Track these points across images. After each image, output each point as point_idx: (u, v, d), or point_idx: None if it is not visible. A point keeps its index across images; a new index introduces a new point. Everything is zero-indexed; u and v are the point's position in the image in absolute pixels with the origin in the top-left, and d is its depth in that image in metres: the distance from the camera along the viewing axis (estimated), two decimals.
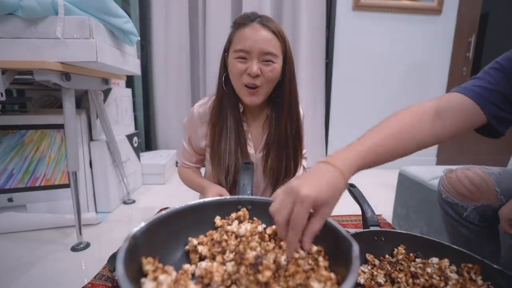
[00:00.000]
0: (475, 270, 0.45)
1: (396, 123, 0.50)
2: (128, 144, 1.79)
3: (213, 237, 0.44)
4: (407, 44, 2.47)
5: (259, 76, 0.73)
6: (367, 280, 0.48)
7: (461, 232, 0.71)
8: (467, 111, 0.51)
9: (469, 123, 0.52)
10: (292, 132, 0.82)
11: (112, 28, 1.14)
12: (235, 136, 0.79)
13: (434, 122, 0.50)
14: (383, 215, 1.52)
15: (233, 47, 0.74)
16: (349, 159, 0.43)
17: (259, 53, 0.71)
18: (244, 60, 0.73)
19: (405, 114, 0.51)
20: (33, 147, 1.30)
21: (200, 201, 0.49)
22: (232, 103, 0.80)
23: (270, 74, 0.74)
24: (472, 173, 0.69)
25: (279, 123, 0.80)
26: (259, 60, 0.72)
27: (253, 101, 0.76)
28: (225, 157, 0.79)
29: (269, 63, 0.73)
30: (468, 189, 0.68)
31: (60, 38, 0.96)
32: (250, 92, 0.74)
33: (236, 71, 0.73)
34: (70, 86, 1.06)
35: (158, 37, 2.40)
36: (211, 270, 0.35)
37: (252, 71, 0.71)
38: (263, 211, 0.51)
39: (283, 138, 0.81)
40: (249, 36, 0.71)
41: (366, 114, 2.59)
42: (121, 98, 1.78)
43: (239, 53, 0.72)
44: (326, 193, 0.38)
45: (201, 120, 0.85)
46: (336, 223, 0.41)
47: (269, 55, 0.72)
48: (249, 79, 0.73)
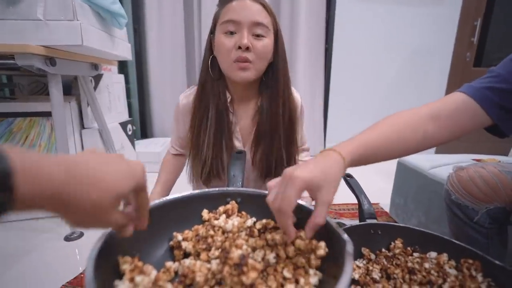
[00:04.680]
0: (476, 266, 0.42)
1: (390, 124, 0.50)
2: (122, 132, 1.76)
3: (198, 233, 0.42)
4: (409, 28, 2.38)
5: (250, 50, 0.66)
6: (361, 276, 0.45)
7: (468, 233, 0.66)
8: (468, 112, 0.49)
9: (473, 126, 0.50)
10: (285, 118, 0.76)
11: (98, 10, 1.08)
12: (216, 128, 0.73)
13: (427, 127, 0.49)
14: (381, 204, 1.51)
15: (220, 21, 0.67)
16: (348, 148, 0.43)
17: (249, 23, 0.65)
18: (233, 35, 0.66)
19: (400, 117, 0.51)
20: (22, 135, 1.27)
21: (186, 194, 0.47)
22: (216, 90, 0.73)
23: (262, 49, 0.67)
24: (487, 171, 0.64)
25: (271, 110, 0.74)
26: (249, 32, 0.66)
27: (245, 77, 0.68)
28: (203, 150, 0.73)
29: (260, 38, 0.67)
30: (481, 190, 0.63)
31: (42, 19, 0.90)
32: (241, 66, 0.66)
33: (224, 48, 0.66)
34: (56, 71, 1.01)
35: (152, 20, 2.32)
36: (194, 270, 0.33)
37: (243, 42, 0.64)
38: (253, 203, 0.48)
39: (274, 128, 0.75)
40: (237, 8, 0.65)
41: (366, 101, 2.54)
42: (113, 85, 1.72)
43: (227, 25, 0.65)
44: (320, 175, 0.36)
45: (185, 109, 0.79)
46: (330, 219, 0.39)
47: (261, 27, 0.66)
48: (239, 52, 0.65)
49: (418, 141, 0.49)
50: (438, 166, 1.13)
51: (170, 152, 0.91)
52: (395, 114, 0.52)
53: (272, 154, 0.77)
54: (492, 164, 0.66)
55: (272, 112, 0.74)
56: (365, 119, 2.55)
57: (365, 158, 0.45)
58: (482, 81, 0.51)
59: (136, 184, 0.29)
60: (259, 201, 0.48)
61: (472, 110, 0.49)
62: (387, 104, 2.53)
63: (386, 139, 0.47)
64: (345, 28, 2.37)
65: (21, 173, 0.20)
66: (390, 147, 0.48)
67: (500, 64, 0.52)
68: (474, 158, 1.16)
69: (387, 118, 0.51)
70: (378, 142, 0.47)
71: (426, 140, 0.50)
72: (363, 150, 0.44)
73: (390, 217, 1.40)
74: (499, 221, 0.64)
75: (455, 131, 0.50)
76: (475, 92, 0.49)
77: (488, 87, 0.49)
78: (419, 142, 0.49)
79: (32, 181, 0.21)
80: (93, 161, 0.26)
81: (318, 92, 2.48)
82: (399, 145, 0.49)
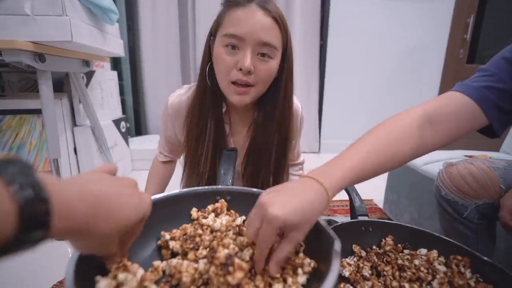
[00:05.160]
0: (465, 262, 0.43)
1: (380, 137, 0.44)
2: (115, 129, 1.74)
3: (186, 232, 0.41)
4: (403, 24, 2.39)
5: (252, 73, 0.58)
6: (352, 273, 0.45)
7: (458, 229, 0.67)
8: (466, 114, 0.46)
9: (468, 127, 0.47)
10: (280, 138, 0.70)
11: (88, 5, 1.06)
12: (214, 141, 0.68)
13: (421, 133, 0.45)
14: (374, 200, 1.52)
15: (223, 31, 0.58)
16: (335, 177, 0.37)
17: (255, 42, 0.56)
18: (234, 51, 0.58)
19: (390, 126, 0.46)
20: (12, 133, 1.24)
21: (175, 192, 0.46)
22: (215, 101, 0.67)
23: (265, 74, 0.60)
24: (476, 168, 0.63)
25: (266, 128, 0.68)
26: (253, 52, 0.57)
27: (242, 101, 0.62)
28: (201, 163, 0.69)
29: (265, 59, 0.59)
30: (470, 186, 0.62)
31: (30, 14, 0.88)
32: (239, 91, 0.60)
33: (223, 64, 0.59)
34: (45, 68, 0.99)
35: (145, 17, 2.28)
36: (180, 270, 0.32)
37: (245, 65, 0.56)
38: (243, 202, 0.48)
39: (268, 144, 0.69)
40: (244, 20, 0.56)
41: (360, 97, 2.55)
42: (106, 81, 1.70)
43: (230, 40, 0.57)
44: (300, 216, 0.32)
45: (175, 112, 0.73)
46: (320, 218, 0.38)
47: (267, 47, 0.58)
48: (239, 75, 0.58)
49: (414, 149, 0.45)
50: (430, 162, 1.13)
51: (158, 159, 0.86)
52: (386, 122, 0.47)
53: (260, 168, 0.73)
54: (481, 161, 0.66)
55: (267, 129, 0.69)
56: (359, 114, 2.57)
57: (356, 181, 0.41)
58: (478, 80, 0.48)
59: (142, 216, 0.31)
60: (249, 199, 0.47)
61: (471, 111, 0.46)
62: (382, 99, 2.54)
63: (378, 156, 0.42)
64: (340, 24, 2.37)
65: (57, 213, 0.21)
66: (383, 163, 0.43)
67: (492, 63, 0.50)
68: (466, 154, 1.17)
69: (377, 129, 0.46)
70: (369, 162, 0.41)
71: (422, 146, 0.46)
72: (354, 175, 0.39)
73: (384, 213, 1.41)
74: (488, 217, 0.64)
75: (452, 133, 0.46)
76: (473, 92, 0.47)
77: (486, 86, 0.47)
78: (414, 150, 0.45)
79: (64, 220, 0.22)
80: (111, 194, 0.27)
81: (313, 87, 2.48)
82: (393, 159, 0.44)
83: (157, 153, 0.87)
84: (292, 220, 0.32)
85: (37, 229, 0.20)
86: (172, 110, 0.74)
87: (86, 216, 0.24)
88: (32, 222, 0.20)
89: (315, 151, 2.60)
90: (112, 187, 0.28)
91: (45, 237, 0.21)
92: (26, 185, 0.20)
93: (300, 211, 0.32)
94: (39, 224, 0.20)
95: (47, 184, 0.21)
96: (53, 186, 0.21)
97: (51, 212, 0.21)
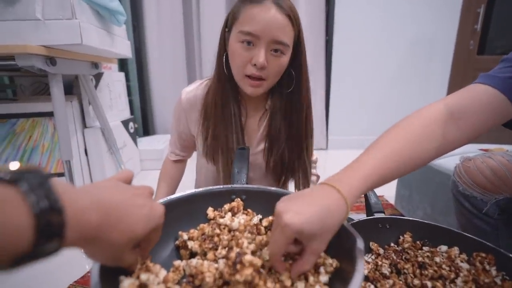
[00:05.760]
0: (489, 259, 0.42)
1: (400, 138, 0.41)
2: (124, 130, 1.75)
3: (204, 232, 0.41)
4: (411, 16, 2.34)
5: (265, 68, 0.62)
6: (371, 271, 0.45)
7: (476, 224, 0.65)
8: (492, 106, 0.43)
9: (495, 120, 0.43)
10: (299, 126, 0.73)
11: (96, 8, 1.07)
12: (235, 127, 0.71)
13: (444, 130, 0.42)
14: (385, 196, 1.50)
15: (239, 27, 0.61)
16: (353, 184, 0.35)
17: (269, 40, 0.60)
18: (249, 47, 0.61)
19: (411, 124, 0.43)
20: (26, 136, 1.27)
21: (191, 192, 0.46)
22: (234, 89, 0.70)
23: (276, 69, 0.64)
24: (495, 161, 0.61)
25: (285, 116, 0.72)
26: (267, 48, 0.61)
27: (255, 92, 0.66)
28: (230, 153, 0.71)
29: (278, 55, 0.62)
30: (489, 180, 0.61)
31: (41, 19, 0.89)
32: (253, 83, 0.64)
33: (239, 59, 0.63)
34: (56, 71, 1.01)
35: (151, 17, 2.29)
36: (202, 270, 0.32)
37: (259, 61, 0.60)
38: (258, 200, 0.48)
39: (287, 133, 0.72)
40: (260, 18, 0.58)
41: (368, 92, 2.51)
42: (114, 83, 1.72)
43: (246, 37, 0.60)
44: (317, 225, 0.30)
45: (191, 106, 0.76)
46: None
47: (280, 45, 0.61)
48: (253, 70, 0.62)
49: (436, 148, 0.42)
50: (443, 157, 1.11)
51: (169, 158, 0.87)
52: (405, 120, 0.44)
53: (284, 158, 0.74)
54: (500, 154, 0.64)
55: (286, 116, 0.72)
56: (367, 109, 2.54)
57: (375, 186, 0.39)
58: (502, 71, 0.45)
59: (153, 226, 0.31)
60: (265, 197, 0.47)
61: (496, 101, 0.43)
62: (389, 94, 2.50)
63: (398, 159, 0.39)
64: (346, 19, 2.33)
65: (70, 223, 0.21)
66: (405, 165, 0.40)
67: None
68: (481, 148, 1.14)
69: (396, 128, 0.43)
70: (388, 166, 0.38)
71: (445, 144, 0.43)
72: (373, 181, 0.37)
73: (396, 209, 1.39)
74: (508, 212, 0.63)
75: (477, 128, 0.43)
76: (498, 82, 0.43)
77: (511, 76, 0.44)
78: (437, 149, 0.42)
79: (77, 229, 0.22)
80: (121, 205, 0.28)
81: (320, 83, 2.45)
82: (416, 160, 0.41)
83: (168, 153, 0.87)
84: (309, 229, 0.30)
85: (52, 240, 0.20)
86: (187, 103, 0.76)
87: (98, 225, 0.24)
88: (47, 233, 0.20)
89: (323, 148, 2.59)
90: (123, 198, 0.29)
91: (60, 247, 0.21)
92: (42, 197, 0.20)
93: (317, 220, 0.31)
94: (54, 235, 0.21)
95: (61, 193, 0.21)
96: (66, 195, 0.22)
97: (65, 223, 0.21)
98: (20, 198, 0.19)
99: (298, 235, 0.31)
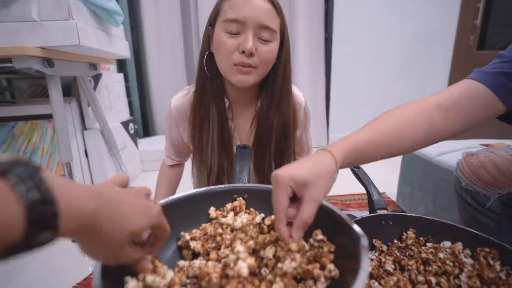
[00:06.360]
0: (493, 254, 0.41)
1: (390, 120, 0.46)
2: (124, 131, 1.75)
3: (206, 232, 0.41)
4: (410, 12, 2.33)
5: (254, 55, 0.59)
6: (374, 268, 0.44)
7: (479, 220, 0.65)
8: (480, 101, 0.45)
9: (483, 115, 0.46)
10: (278, 126, 0.70)
11: (93, 8, 1.06)
12: (219, 130, 0.68)
13: (431, 119, 0.45)
14: (387, 193, 1.50)
15: (223, 17, 0.60)
16: (341, 145, 0.41)
17: (255, 25, 0.58)
18: (236, 35, 0.59)
19: (400, 111, 0.47)
20: (25, 139, 1.26)
21: (191, 192, 0.46)
22: (216, 90, 0.67)
23: (267, 55, 0.61)
24: (498, 156, 0.61)
25: (267, 115, 0.69)
26: (255, 35, 0.59)
27: (245, 81, 0.62)
28: (207, 154, 0.69)
29: (266, 42, 0.60)
30: (492, 175, 0.61)
31: (37, 20, 0.89)
32: (243, 70, 0.60)
33: (225, 48, 0.59)
34: (54, 73, 1.00)
35: (148, 17, 2.28)
36: (208, 271, 0.32)
37: (247, 47, 0.57)
38: (261, 199, 0.47)
39: (269, 134, 0.70)
40: (244, 4, 0.57)
41: (368, 90, 2.51)
42: (113, 84, 1.71)
43: (230, 25, 0.58)
44: (306, 172, 0.35)
45: (180, 114, 0.73)
46: (341, 212, 0.38)
47: (267, 31, 0.59)
48: (242, 57, 0.59)
49: (423, 134, 0.45)
50: (445, 153, 1.11)
51: (165, 163, 0.86)
52: (397, 107, 0.48)
53: (265, 161, 0.72)
54: (502, 149, 0.64)
55: (268, 116, 0.69)
56: (368, 107, 2.53)
57: (363, 156, 0.42)
58: (493, 67, 0.47)
59: (150, 224, 0.31)
60: (267, 196, 0.47)
61: (484, 97, 0.45)
62: (390, 91, 2.50)
63: (386, 135, 0.43)
64: (345, 16, 2.32)
65: (64, 212, 0.21)
66: (391, 143, 0.44)
67: (510, 48, 0.48)
68: (483, 143, 1.14)
69: (388, 112, 0.47)
70: (376, 138, 0.43)
71: (432, 133, 0.45)
72: (360, 146, 0.41)
73: (398, 206, 1.39)
74: (511, 207, 0.62)
75: (465, 122, 0.46)
76: (487, 78, 0.45)
77: (501, 72, 0.45)
78: (424, 135, 0.45)
79: (72, 218, 0.22)
80: (115, 198, 0.28)
81: (320, 82, 2.45)
82: (402, 141, 0.44)
83: (165, 157, 0.87)
84: (299, 175, 0.34)
85: (45, 231, 0.20)
86: (176, 112, 0.74)
87: (93, 212, 0.24)
88: (40, 224, 0.20)
89: (323, 146, 2.58)
90: (118, 194, 0.29)
91: (53, 237, 0.21)
92: (33, 187, 0.20)
93: (307, 169, 0.35)
94: (47, 226, 0.20)
95: (53, 184, 0.21)
96: (59, 186, 0.22)
97: (58, 214, 0.21)
98: (9, 189, 0.19)
99: (292, 183, 0.34)
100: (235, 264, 0.31)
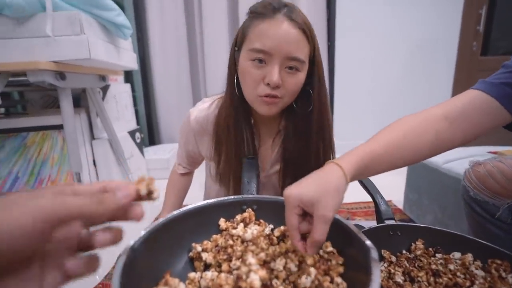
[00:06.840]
0: (505, 266, 0.41)
1: (396, 130, 0.47)
2: (131, 140, 1.77)
3: (218, 243, 0.42)
4: (413, 19, 2.35)
5: (280, 87, 0.57)
6: (384, 280, 0.45)
7: (489, 230, 0.65)
8: (486, 111, 0.46)
9: (489, 125, 0.46)
10: (319, 150, 0.67)
11: (103, 22, 1.09)
12: (248, 153, 0.67)
13: (438, 128, 0.46)
14: (393, 201, 1.49)
15: (249, 45, 0.57)
16: (349, 157, 0.41)
17: (282, 57, 0.55)
18: (261, 64, 0.56)
19: (405, 122, 0.48)
20: (36, 149, 1.29)
21: (201, 204, 0.46)
22: (247, 112, 0.66)
23: (292, 87, 0.59)
24: (506, 165, 0.61)
25: (300, 137, 0.67)
26: (281, 66, 0.56)
27: (269, 111, 0.60)
28: (230, 166, 0.68)
29: (293, 72, 0.57)
30: (500, 184, 0.60)
31: (51, 36, 0.92)
32: (267, 101, 0.58)
33: (250, 78, 0.58)
34: (66, 85, 1.03)
35: (154, 28, 2.34)
36: (220, 283, 0.32)
37: (273, 80, 0.55)
38: (270, 210, 0.48)
39: (308, 153, 0.67)
40: (271, 34, 0.54)
41: (372, 97, 2.51)
42: (120, 94, 1.74)
43: (257, 55, 0.55)
44: (314, 190, 0.35)
45: (201, 127, 0.71)
46: (349, 223, 0.38)
47: (295, 61, 0.56)
48: (267, 89, 0.57)
49: (430, 144, 0.46)
50: (452, 161, 1.10)
51: (177, 171, 0.86)
52: (402, 118, 0.48)
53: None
54: (510, 157, 0.64)
55: (303, 139, 0.67)
56: (372, 114, 2.53)
57: (372, 168, 0.43)
58: (498, 77, 0.48)
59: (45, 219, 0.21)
60: (276, 207, 0.48)
61: (490, 107, 0.45)
62: (393, 98, 2.50)
63: (393, 146, 0.44)
64: (347, 24, 2.35)
65: None
66: (399, 153, 0.44)
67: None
68: (490, 150, 1.13)
69: (394, 123, 0.48)
70: (384, 150, 0.43)
71: (438, 143, 0.46)
72: (368, 159, 0.42)
73: (404, 213, 1.37)
74: None
75: (471, 132, 0.46)
76: (492, 88, 0.46)
77: (506, 83, 0.46)
78: (430, 145, 0.46)
79: None
80: None
81: None
82: (409, 151, 0.45)
83: (176, 165, 0.87)
84: (306, 194, 0.35)
85: None
86: (197, 125, 0.72)
87: None
88: None
89: None
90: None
91: None
92: None
93: (315, 186, 0.35)
94: None
95: None
96: None
97: None
98: None
99: (300, 202, 0.35)
100: (247, 276, 0.32)
